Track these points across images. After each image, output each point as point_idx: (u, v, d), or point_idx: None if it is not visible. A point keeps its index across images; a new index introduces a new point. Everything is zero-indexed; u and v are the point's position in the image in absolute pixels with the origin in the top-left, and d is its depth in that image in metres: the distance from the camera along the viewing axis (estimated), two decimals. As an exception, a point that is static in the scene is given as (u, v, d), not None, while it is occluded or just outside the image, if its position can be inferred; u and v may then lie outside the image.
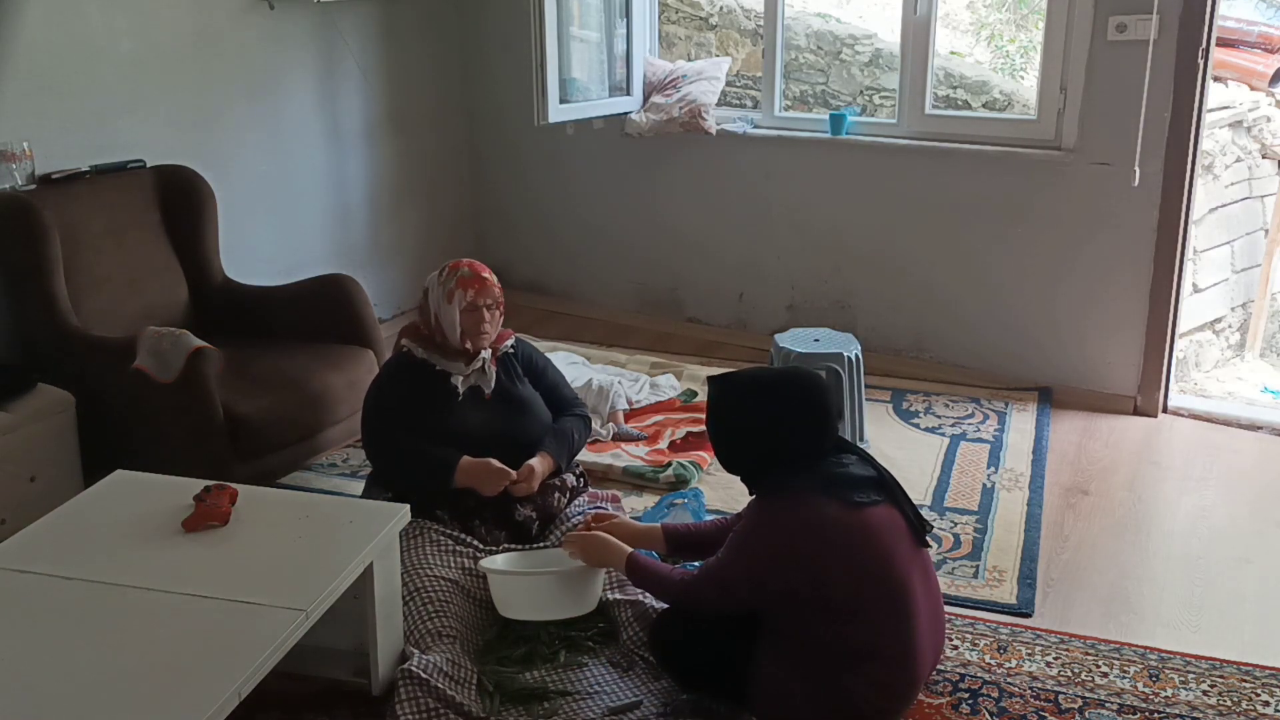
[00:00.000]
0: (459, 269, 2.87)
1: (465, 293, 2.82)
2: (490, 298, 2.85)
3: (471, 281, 2.84)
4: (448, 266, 2.90)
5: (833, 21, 5.93)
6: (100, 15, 3.53)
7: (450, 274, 2.87)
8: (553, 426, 2.96)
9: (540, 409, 2.97)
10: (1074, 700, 2.49)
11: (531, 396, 2.97)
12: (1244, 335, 5.43)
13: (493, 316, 2.87)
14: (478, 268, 2.90)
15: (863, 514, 2.22)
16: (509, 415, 2.89)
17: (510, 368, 2.96)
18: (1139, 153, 3.75)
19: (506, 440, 2.84)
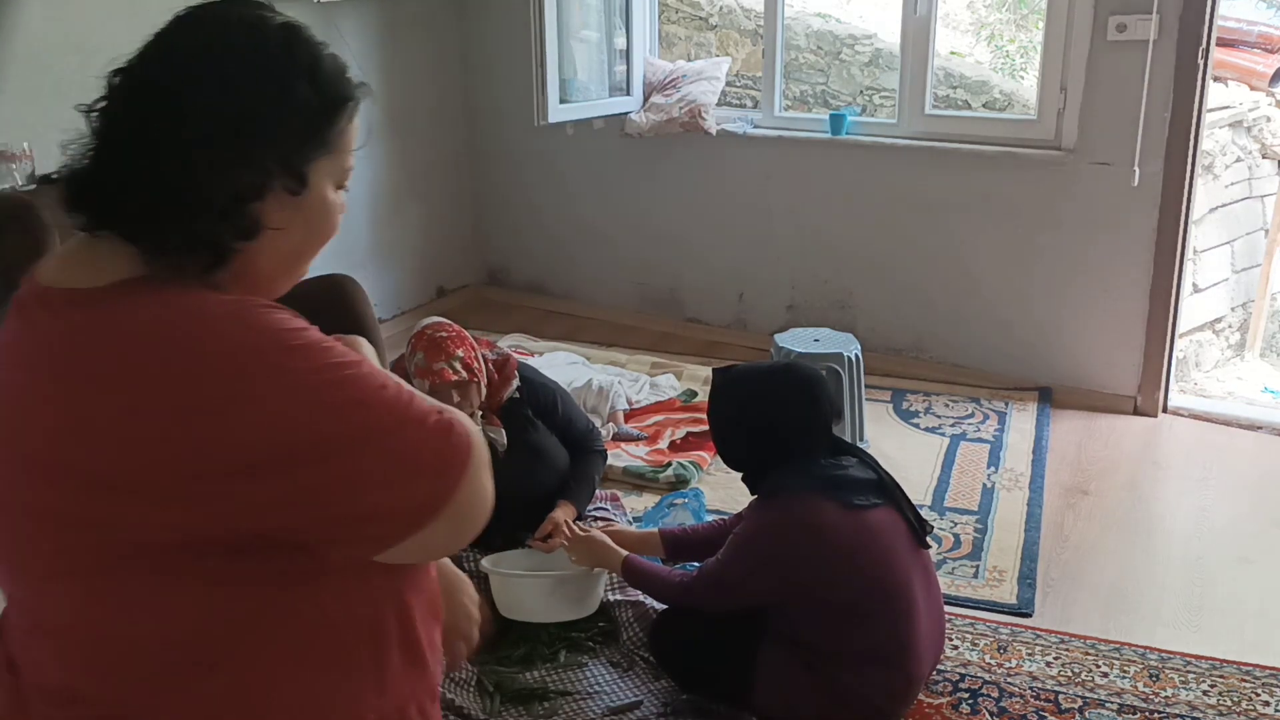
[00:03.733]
0: (416, 353, 2.67)
1: (423, 382, 2.61)
2: (448, 385, 2.60)
3: (425, 373, 2.62)
4: (411, 340, 2.72)
5: (833, 21, 5.93)
6: (100, 15, 3.53)
7: (411, 353, 2.69)
8: (572, 472, 2.84)
9: (557, 454, 2.84)
10: (1074, 700, 2.49)
11: (546, 442, 2.82)
12: (1244, 335, 5.43)
13: (465, 392, 2.64)
14: (434, 353, 2.64)
15: (862, 516, 2.23)
16: (525, 468, 2.72)
17: (519, 412, 2.79)
18: (1139, 153, 3.75)
19: (525, 497, 2.70)
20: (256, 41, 1.04)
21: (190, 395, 0.94)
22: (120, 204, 1.01)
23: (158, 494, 0.94)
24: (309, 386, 0.96)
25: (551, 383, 2.97)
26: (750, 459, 2.39)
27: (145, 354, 0.95)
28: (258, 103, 1.01)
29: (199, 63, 1.04)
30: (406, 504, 1.00)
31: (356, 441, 0.97)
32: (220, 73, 1.02)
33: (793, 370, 2.42)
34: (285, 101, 1.02)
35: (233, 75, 1.02)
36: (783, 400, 2.33)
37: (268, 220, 1.03)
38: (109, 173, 1.02)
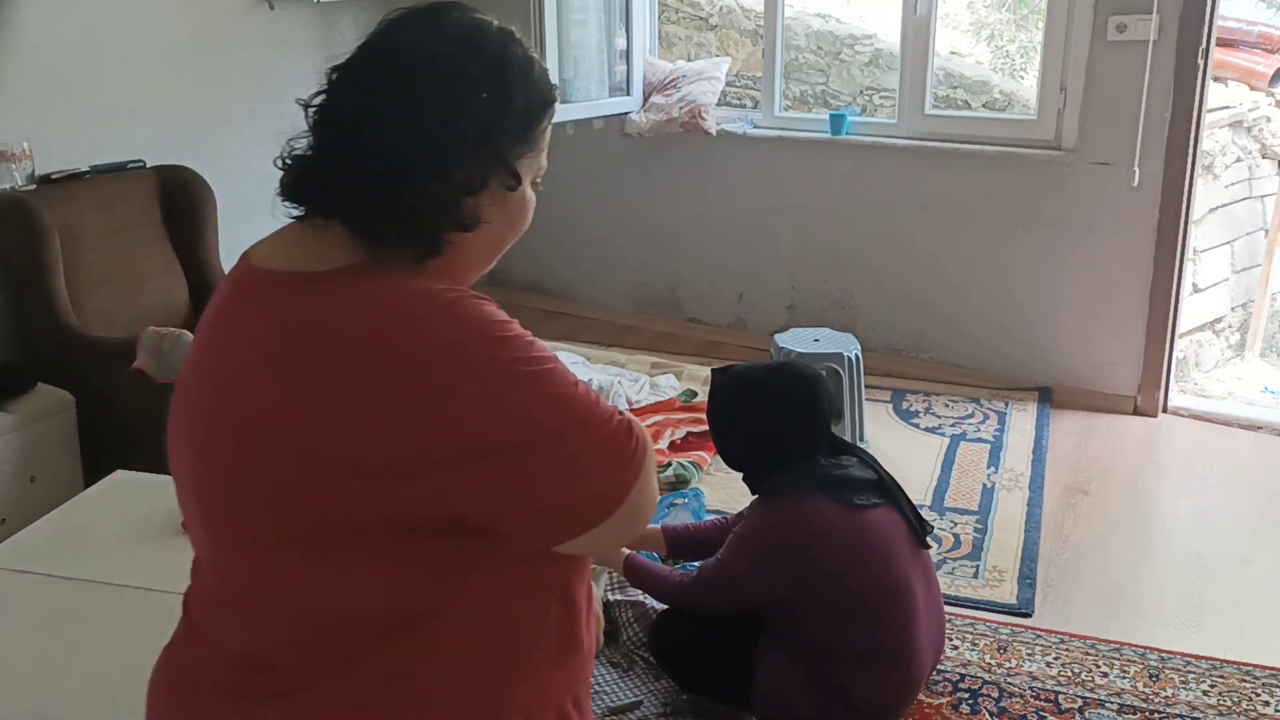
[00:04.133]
0: None
1: None
2: None
3: None
4: None
5: (833, 21, 5.93)
6: (100, 15, 3.53)
7: None
8: None
9: None
10: (1074, 700, 2.49)
11: None
12: (1244, 335, 5.43)
13: None
14: None
15: (862, 516, 2.23)
16: None
17: None
18: (1139, 153, 3.75)
19: None
20: (477, 44, 1.10)
21: (415, 380, 0.99)
22: (344, 197, 1.07)
23: (379, 472, 0.99)
24: (516, 378, 1.02)
25: None
26: (750, 459, 2.39)
27: (376, 338, 1.00)
28: (480, 104, 1.07)
29: (423, 64, 1.08)
30: (593, 496, 1.05)
31: (555, 433, 1.02)
32: (443, 74, 1.07)
33: (792, 370, 2.42)
34: (504, 102, 1.09)
35: (456, 77, 1.07)
36: (782, 400, 2.33)
37: (482, 214, 1.09)
38: (332, 167, 1.09)
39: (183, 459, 1.12)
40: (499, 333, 1.03)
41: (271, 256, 1.12)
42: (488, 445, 1.00)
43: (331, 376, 1.00)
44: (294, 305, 1.05)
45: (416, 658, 1.07)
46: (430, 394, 0.99)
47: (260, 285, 1.09)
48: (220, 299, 1.13)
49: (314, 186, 1.11)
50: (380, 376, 0.99)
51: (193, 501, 1.11)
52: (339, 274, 1.05)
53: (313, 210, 1.11)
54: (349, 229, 1.06)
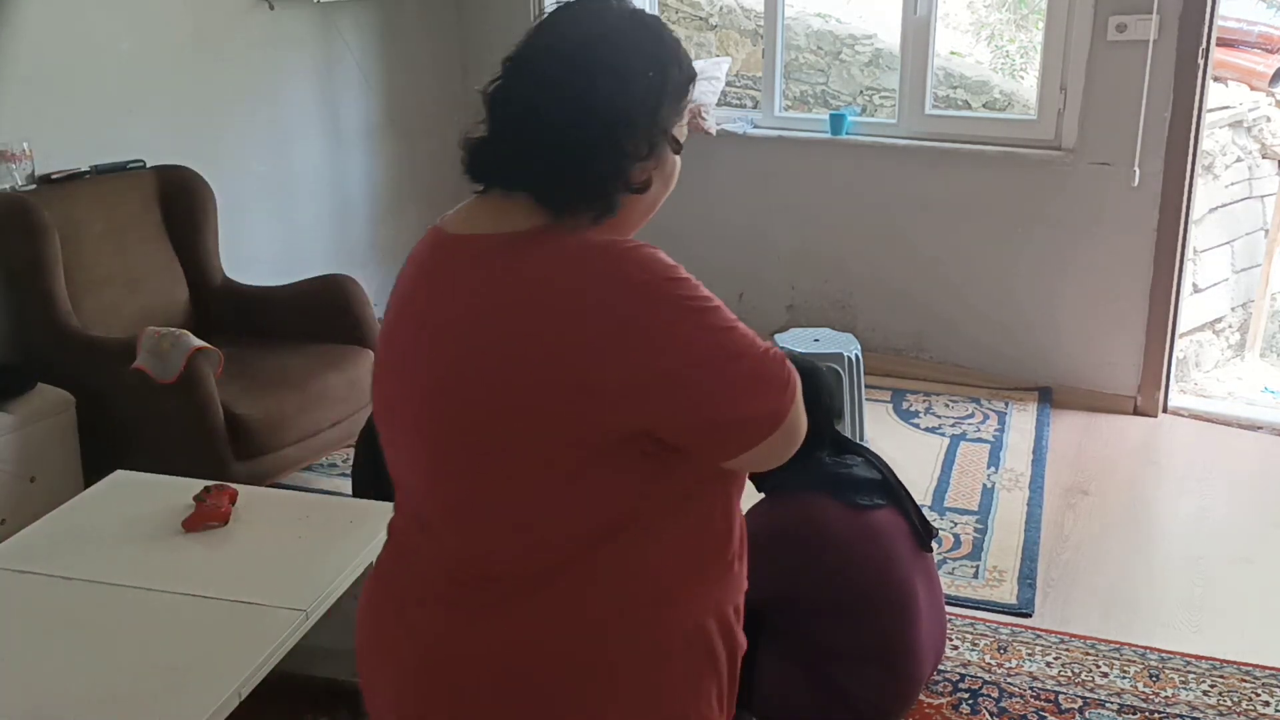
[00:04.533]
0: None
1: None
2: None
3: None
4: None
5: (833, 21, 5.93)
6: (100, 15, 3.53)
7: None
8: None
9: None
10: (1074, 700, 2.49)
11: None
12: (1244, 335, 5.43)
13: None
14: None
15: (865, 517, 2.22)
16: None
17: None
18: (1139, 153, 3.75)
19: None
20: (638, 28, 1.26)
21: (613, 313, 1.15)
22: (530, 172, 1.22)
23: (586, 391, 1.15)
24: (694, 312, 1.18)
25: None
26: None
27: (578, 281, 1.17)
28: (647, 81, 1.23)
29: (595, 47, 1.23)
30: (759, 413, 1.20)
31: (728, 358, 1.18)
32: (614, 56, 1.23)
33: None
34: (665, 78, 1.25)
35: (627, 58, 1.23)
36: None
37: (641, 180, 1.25)
38: (516, 145, 1.24)
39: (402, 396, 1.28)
40: (675, 275, 1.20)
41: (465, 224, 1.29)
42: (673, 367, 1.16)
43: (542, 315, 1.16)
44: (500, 260, 1.21)
45: (617, 566, 1.22)
46: (626, 324, 1.15)
47: (463, 247, 1.26)
48: (420, 264, 1.33)
49: (497, 165, 1.27)
50: (584, 312, 1.15)
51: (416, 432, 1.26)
52: (533, 233, 1.21)
53: (497, 185, 1.27)
54: (535, 199, 1.22)
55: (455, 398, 1.21)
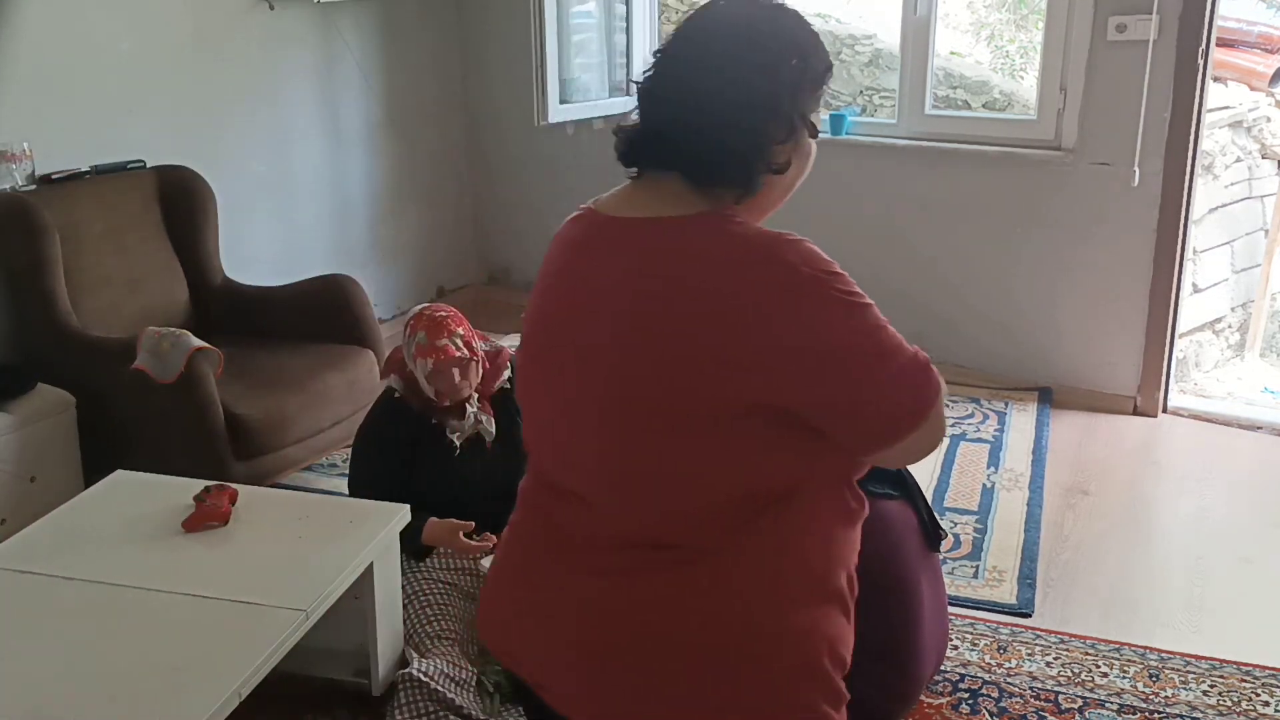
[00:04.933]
0: (417, 331, 2.61)
1: (425, 361, 2.57)
2: (451, 362, 2.58)
3: (428, 351, 2.57)
4: (410, 322, 2.66)
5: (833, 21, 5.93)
6: (100, 15, 3.53)
7: (411, 335, 2.62)
8: None
9: None
10: (1074, 700, 2.49)
11: None
12: (1244, 335, 5.43)
13: (465, 369, 2.62)
14: (435, 331, 2.60)
15: (876, 504, 2.22)
16: (512, 461, 2.68)
17: (510, 404, 2.75)
18: (1139, 153, 3.75)
19: (511, 489, 2.67)
20: (781, 21, 1.36)
21: (771, 296, 1.23)
22: (682, 153, 1.31)
23: (742, 367, 1.23)
24: (849, 306, 1.26)
25: None
26: None
27: (741, 264, 1.25)
28: (790, 68, 1.33)
29: (743, 39, 1.32)
30: (900, 412, 1.27)
31: (878, 355, 1.26)
32: (761, 46, 1.32)
33: None
34: (806, 67, 1.34)
35: (771, 48, 1.32)
36: None
37: (780, 162, 1.35)
38: (668, 128, 1.33)
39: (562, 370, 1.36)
40: (831, 269, 1.28)
41: (619, 207, 1.37)
42: (823, 355, 1.24)
43: (704, 296, 1.24)
44: (658, 241, 1.30)
45: (774, 542, 1.31)
46: (783, 307, 1.23)
47: (620, 229, 1.34)
48: (575, 244, 1.40)
49: (650, 149, 1.36)
50: (743, 292, 1.23)
51: (581, 405, 1.33)
52: (695, 219, 1.30)
53: (650, 169, 1.36)
54: (685, 178, 1.31)
55: (621, 371, 1.29)
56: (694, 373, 1.24)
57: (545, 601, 1.40)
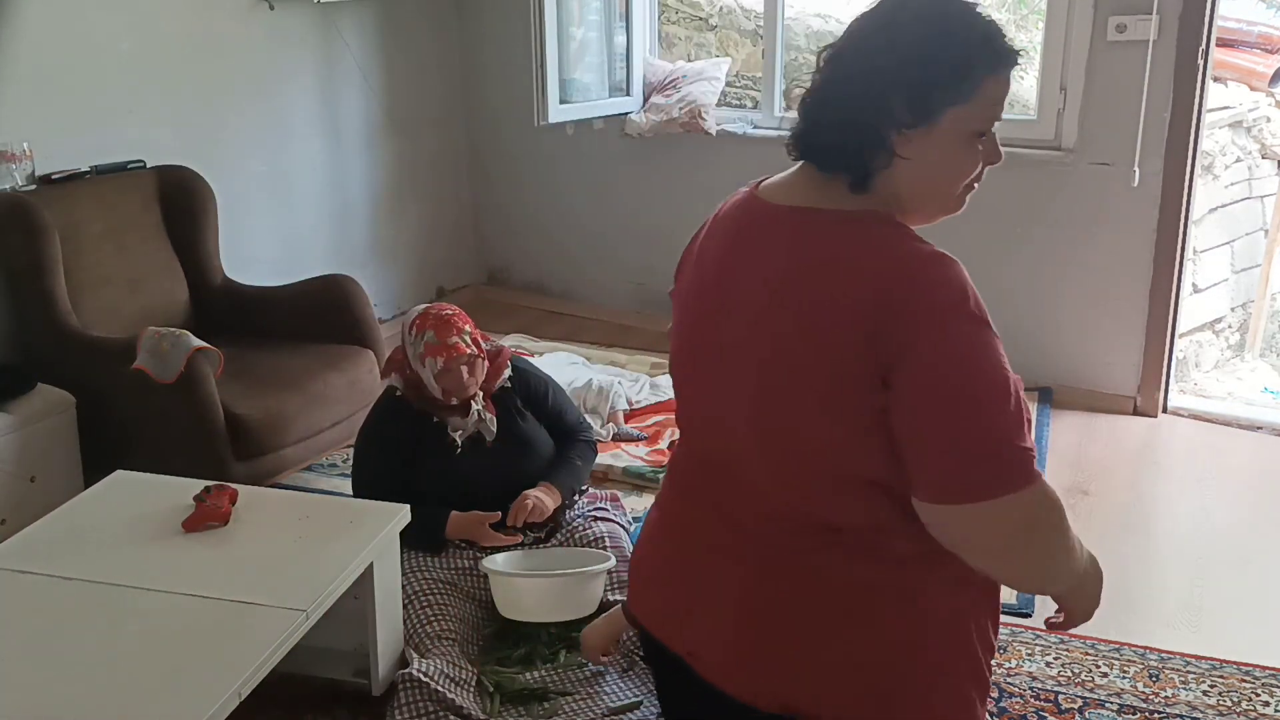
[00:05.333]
0: (424, 331, 2.64)
1: (435, 360, 2.61)
2: (462, 359, 2.62)
3: (439, 350, 2.61)
4: (414, 323, 2.67)
5: (832, 21, 5.93)
6: (100, 15, 3.53)
7: (418, 335, 2.65)
8: (556, 456, 2.83)
9: (544, 445, 2.83)
10: (1074, 700, 2.49)
11: (534, 433, 2.81)
12: (1244, 335, 5.43)
13: (473, 367, 2.65)
14: (444, 329, 2.64)
15: None
16: (512, 459, 2.74)
17: (509, 403, 2.78)
18: (1139, 153, 3.75)
19: (511, 487, 2.72)
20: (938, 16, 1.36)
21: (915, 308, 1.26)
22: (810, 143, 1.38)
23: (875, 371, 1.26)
24: (975, 338, 1.27)
25: (545, 375, 2.96)
26: None
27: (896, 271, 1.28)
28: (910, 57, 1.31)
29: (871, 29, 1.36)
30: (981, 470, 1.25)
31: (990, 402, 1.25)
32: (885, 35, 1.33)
33: None
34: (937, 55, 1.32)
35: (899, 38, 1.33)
36: None
37: (901, 151, 1.33)
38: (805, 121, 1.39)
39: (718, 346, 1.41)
40: (975, 303, 1.29)
41: (779, 194, 1.42)
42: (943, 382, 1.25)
43: (851, 288, 1.27)
44: (812, 231, 1.34)
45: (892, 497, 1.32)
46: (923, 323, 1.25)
47: (777, 216, 1.39)
48: (740, 227, 1.45)
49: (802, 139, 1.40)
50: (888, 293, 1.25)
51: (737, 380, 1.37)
52: (850, 215, 1.34)
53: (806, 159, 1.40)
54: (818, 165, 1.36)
55: (773, 352, 1.33)
56: (836, 360, 1.27)
57: (702, 574, 1.44)
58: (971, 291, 1.30)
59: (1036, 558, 1.35)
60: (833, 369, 1.28)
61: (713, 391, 1.42)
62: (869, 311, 1.26)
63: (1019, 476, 1.26)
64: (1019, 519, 1.28)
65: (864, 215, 1.34)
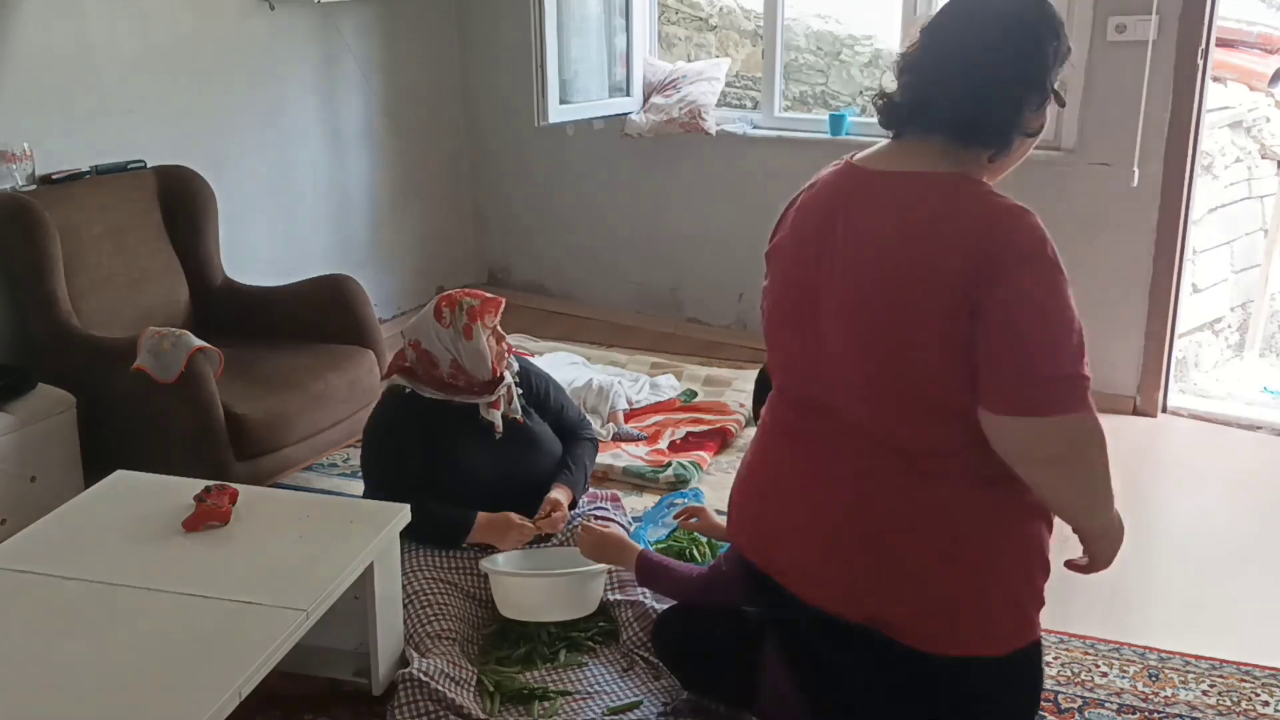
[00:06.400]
0: (461, 301, 2.66)
1: (484, 320, 2.64)
2: (498, 316, 2.69)
3: (487, 307, 2.65)
4: (443, 306, 2.66)
5: (832, 22, 5.93)
6: (100, 15, 3.53)
7: (454, 311, 2.64)
8: (566, 457, 2.85)
9: (551, 441, 2.84)
10: (1074, 700, 2.49)
11: (541, 430, 2.82)
12: (1244, 335, 5.43)
13: (499, 338, 2.71)
14: (475, 293, 2.71)
15: None
16: (519, 453, 2.75)
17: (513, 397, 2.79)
18: (1139, 153, 3.75)
19: (517, 481, 2.73)
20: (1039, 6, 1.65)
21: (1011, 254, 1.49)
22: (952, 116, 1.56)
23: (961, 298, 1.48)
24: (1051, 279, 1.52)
25: (544, 372, 2.98)
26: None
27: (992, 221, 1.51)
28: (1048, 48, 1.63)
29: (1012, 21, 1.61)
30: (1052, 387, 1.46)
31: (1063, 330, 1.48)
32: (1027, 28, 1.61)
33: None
34: (1057, 46, 1.64)
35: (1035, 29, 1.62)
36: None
37: (1029, 128, 1.62)
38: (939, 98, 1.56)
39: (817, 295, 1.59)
40: (1052, 250, 1.54)
41: (881, 163, 1.63)
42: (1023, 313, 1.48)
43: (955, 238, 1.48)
44: (919, 191, 1.54)
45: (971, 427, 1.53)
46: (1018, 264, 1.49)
47: (883, 181, 1.59)
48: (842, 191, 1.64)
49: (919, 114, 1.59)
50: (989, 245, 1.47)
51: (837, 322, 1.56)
52: (949, 176, 1.55)
53: (912, 132, 1.61)
54: (949, 140, 1.56)
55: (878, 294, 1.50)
56: (939, 296, 1.47)
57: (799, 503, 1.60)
58: (1050, 240, 1.52)
59: (1085, 477, 1.57)
60: (936, 303, 1.47)
61: (815, 334, 1.59)
62: (969, 254, 1.46)
63: (1077, 400, 1.47)
64: (1073, 437, 1.49)
65: (955, 177, 1.55)
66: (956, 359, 1.49)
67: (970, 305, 1.46)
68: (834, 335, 1.56)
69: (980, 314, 1.47)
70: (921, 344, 1.50)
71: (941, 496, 1.54)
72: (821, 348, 1.59)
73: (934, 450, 1.54)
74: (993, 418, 1.48)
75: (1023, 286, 1.48)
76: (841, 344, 1.56)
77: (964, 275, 1.46)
